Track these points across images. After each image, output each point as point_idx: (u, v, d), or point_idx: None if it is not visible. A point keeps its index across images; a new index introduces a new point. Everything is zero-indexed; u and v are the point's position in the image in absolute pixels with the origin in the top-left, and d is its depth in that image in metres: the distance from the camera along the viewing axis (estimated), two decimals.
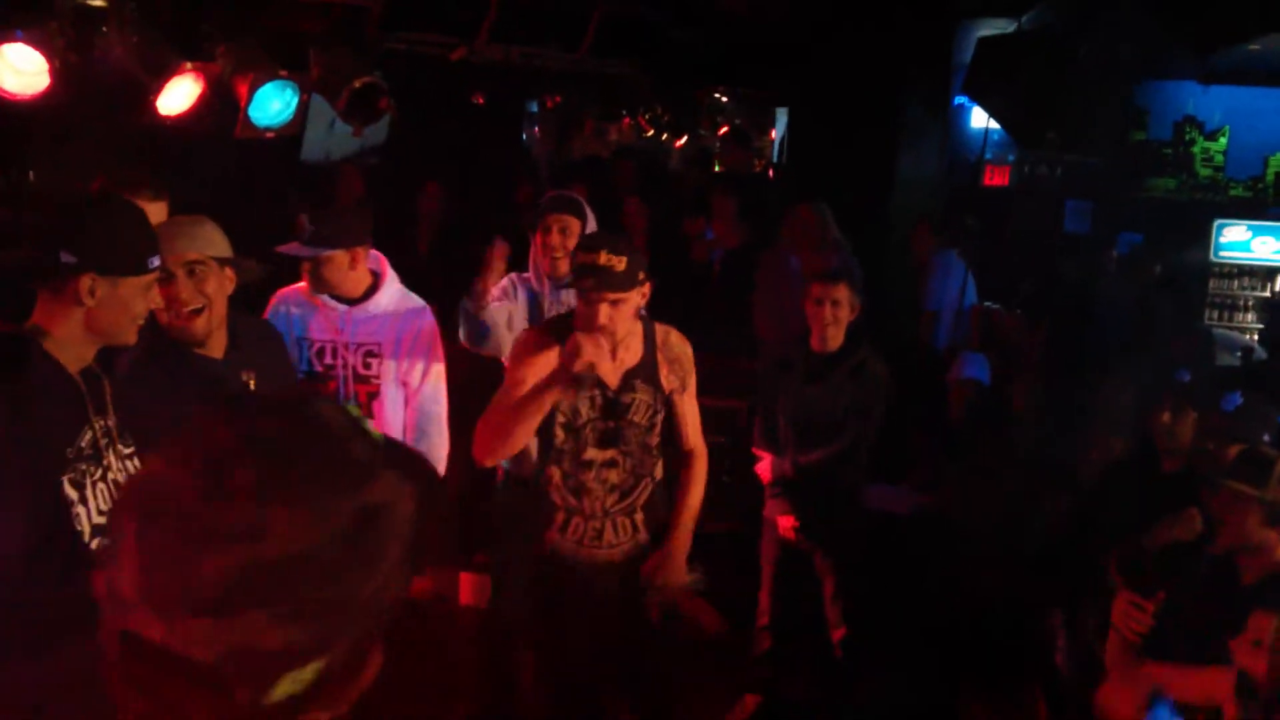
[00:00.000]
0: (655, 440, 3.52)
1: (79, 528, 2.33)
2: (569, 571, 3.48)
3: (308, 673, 0.95)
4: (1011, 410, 5.09)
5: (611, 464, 3.44)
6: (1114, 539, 3.61)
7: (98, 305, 2.35)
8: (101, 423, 2.43)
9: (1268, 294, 10.38)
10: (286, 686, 0.94)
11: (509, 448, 3.33)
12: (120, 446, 2.48)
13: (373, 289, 3.87)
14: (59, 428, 2.33)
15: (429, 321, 4.01)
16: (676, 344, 3.55)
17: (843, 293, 4.49)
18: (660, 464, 3.57)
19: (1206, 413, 3.76)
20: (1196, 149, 10.95)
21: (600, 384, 3.38)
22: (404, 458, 1.06)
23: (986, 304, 7.44)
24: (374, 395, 3.88)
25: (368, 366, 3.86)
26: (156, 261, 2.44)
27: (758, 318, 6.36)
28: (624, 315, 3.28)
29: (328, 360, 3.83)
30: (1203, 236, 10.47)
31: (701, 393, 3.66)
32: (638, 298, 3.32)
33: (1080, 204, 10.04)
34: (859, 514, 4.58)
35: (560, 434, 3.44)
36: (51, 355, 2.36)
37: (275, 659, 0.93)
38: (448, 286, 4.40)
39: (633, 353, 3.46)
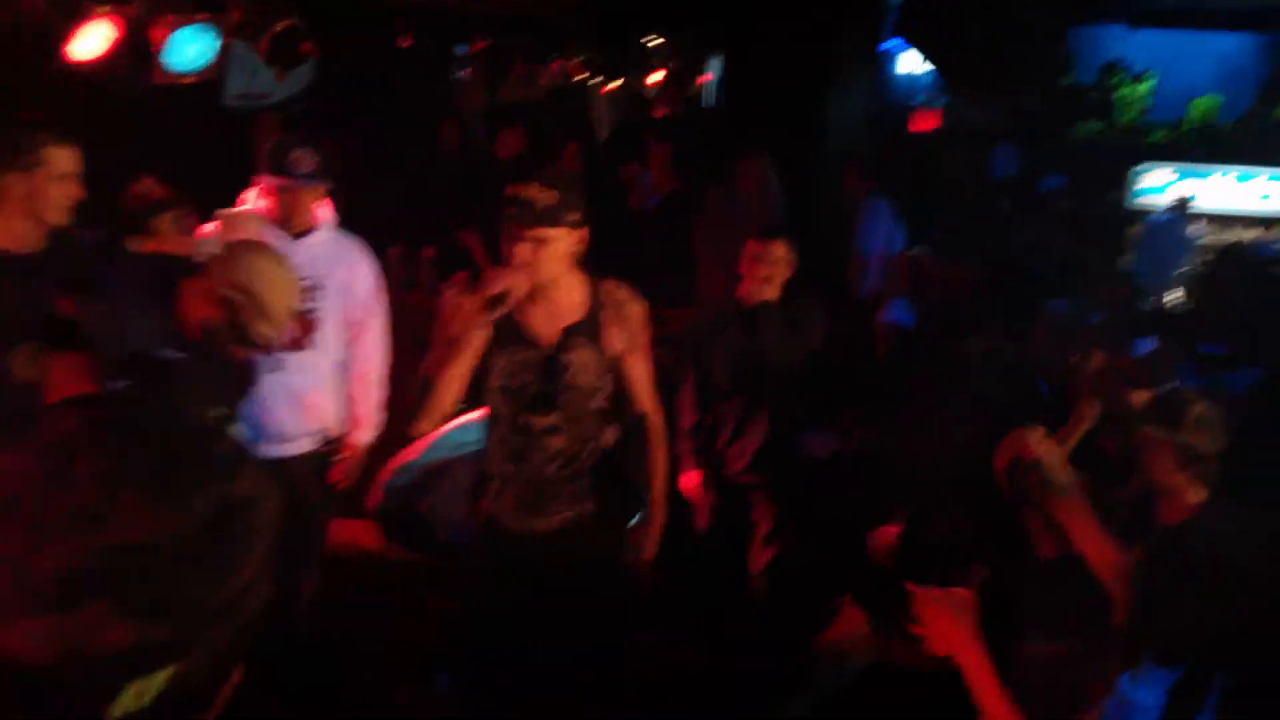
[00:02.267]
0: (603, 404, 3.25)
1: None
2: (507, 540, 3.25)
3: (157, 681, 0.88)
4: (944, 357, 5.17)
5: (553, 429, 3.15)
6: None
7: None
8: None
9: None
10: (132, 698, 0.87)
11: (433, 405, 3.05)
12: None
13: (314, 224, 3.92)
14: None
15: (370, 260, 4.05)
16: (625, 300, 3.24)
17: (780, 249, 4.48)
18: (610, 430, 3.31)
19: (1116, 356, 3.84)
20: (1120, 93, 11.10)
21: (533, 342, 3.12)
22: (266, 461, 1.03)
23: (915, 249, 7.52)
24: (310, 329, 3.85)
25: (307, 299, 3.79)
26: None
27: (701, 266, 6.39)
28: (551, 256, 2.99)
29: None
30: (1124, 180, 10.65)
31: None
32: (569, 240, 3.02)
33: (1007, 148, 10.16)
34: (792, 458, 4.60)
35: (496, 399, 3.18)
36: None
37: (120, 662, 0.86)
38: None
39: (573, 309, 3.16)
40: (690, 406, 4.60)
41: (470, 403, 3.29)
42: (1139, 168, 10.68)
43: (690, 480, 4.48)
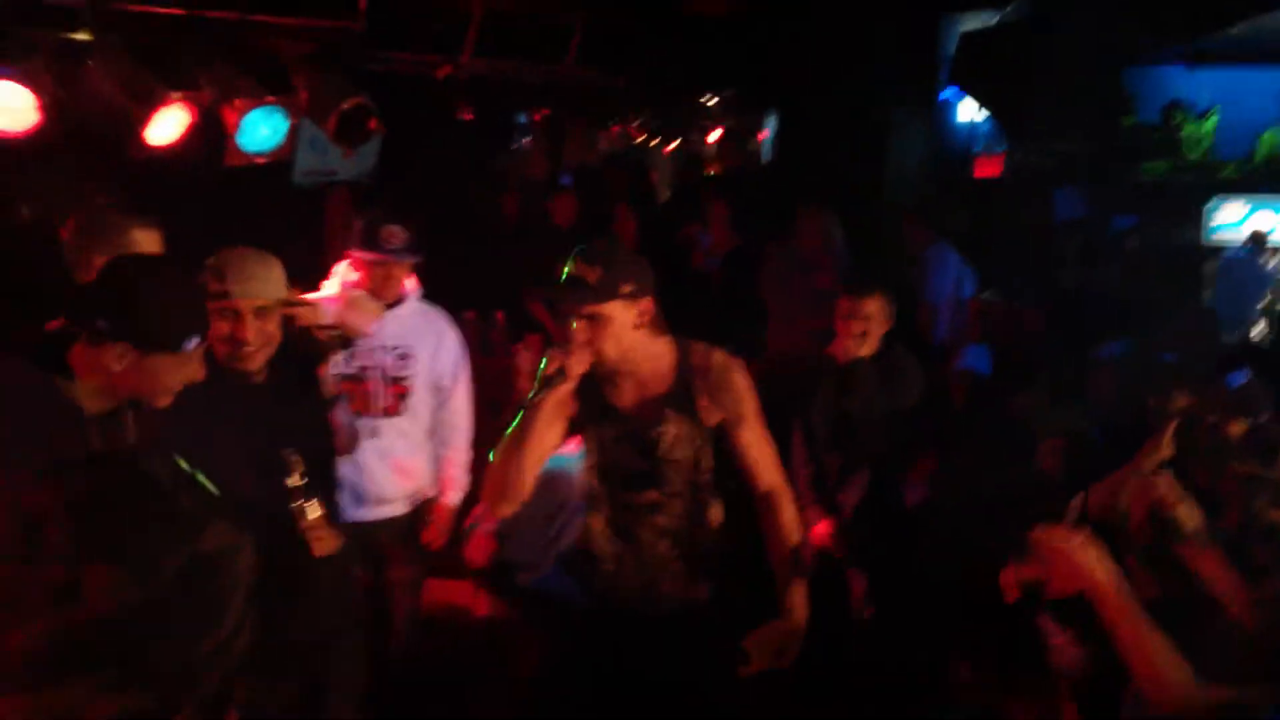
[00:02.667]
0: (705, 478, 3.06)
1: None
2: (618, 626, 3.07)
3: None
4: (1011, 404, 5.09)
5: (654, 508, 3.00)
6: None
7: (124, 371, 2.33)
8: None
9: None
10: None
11: (508, 487, 2.90)
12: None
13: (401, 296, 4.09)
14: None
15: (455, 328, 4.26)
16: (719, 367, 3.06)
17: (874, 305, 4.42)
18: (719, 505, 3.12)
19: (1205, 391, 3.74)
20: (1186, 131, 10.97)
21: (620, 416, 3.00)
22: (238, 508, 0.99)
23: (984, 295, 7.45)
24: (404, 396, 4.07)
25: (401, 367, 4.04)
26: (194, 342, 2.40)
27: (772, 319, 6.39)
28: (610, 334, 2.87)
29: (361, 362, 3.98)
30: (1194, 217, 10.48)
31: None
32: (625, 313, 2.89)
33: (1071, 191, 10.05)
34: (897, 516, 4.52)
35: (593, 476, 3.06)
36: (68, 398, 2.35)
37: None
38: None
39: (659, 379, 3.02)
40: (805, 459, 4.55)
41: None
42: (1211, 203, 10.52)
43: (823, 529, 4.40)
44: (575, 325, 2.88)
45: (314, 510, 2.83)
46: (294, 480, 2.88)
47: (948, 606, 4.43)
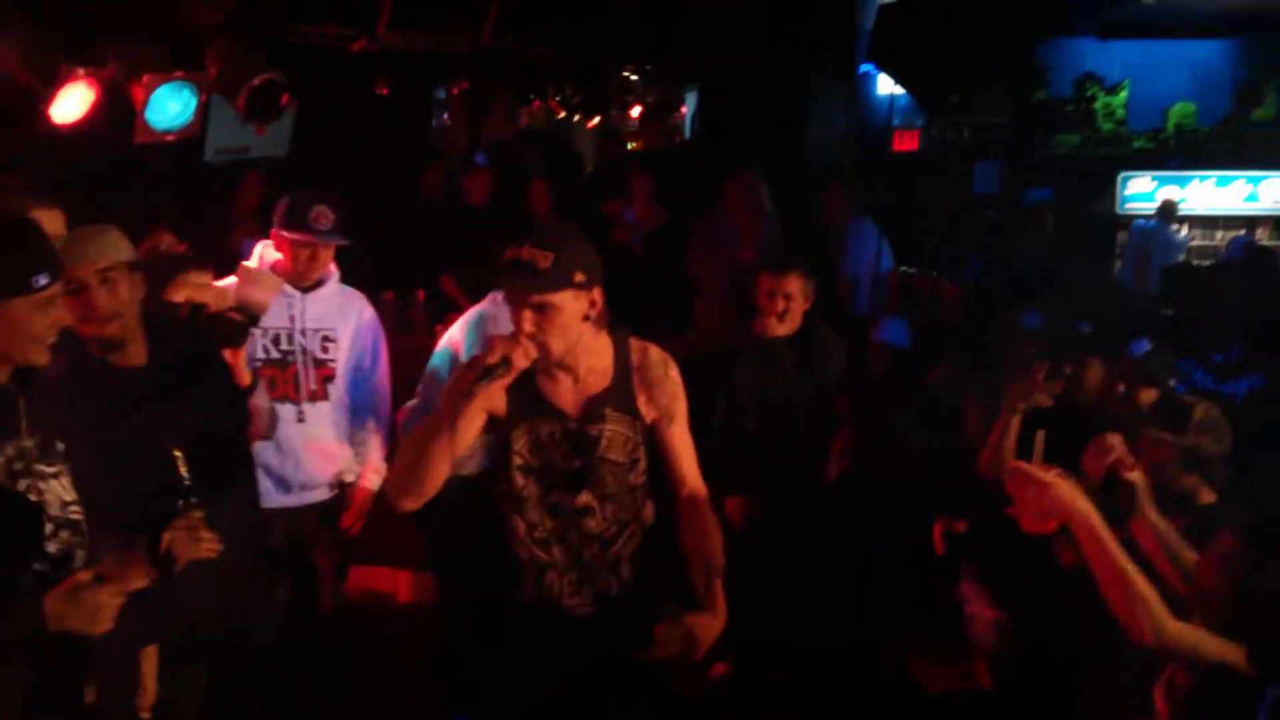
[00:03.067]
0: (640, 479, 2.94)
1: None
2: (544, 631, 2.92)
3: None
4: (927, 376, 5.17)
5: (586, 510, 2.85)
6: None
7: None
8: (14, 445, 2.37)
9: None
10: None
11: (419, 482, 2.73)
12: (41, 466, 2.42)
13: (323, 278, 4.04)
14: None
15: (371, 309, 4.21)
16: (657, 363, 2.95)
17: (795, 283, 4.44)
18: (650, 506, 2.99)
19: (1114, 359, 3.83)
20: (1098, 104, 11.18)
21: (558, 415, 2.84)
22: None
23: (903, 268, 7.53)
24: (329, 379, 4.02)
25: (325, 350, 4.01)
26: (44, 279, 2.34)
27: (703, 293, 6.40)
28: (558, 325, 2.68)
29: (284, 346, 3.93)
30: (1109, 190, 10.71)
31: None
32: (576, 303, 2.70)
33: (988, 164, 10.21)
34: (816, 490, 4.57)
35: (518, 478, 2.85)
36: None
37: None
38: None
39: (599, 375, 2.87)
40: (721, 432, 4.58)
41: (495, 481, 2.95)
42: (1122, 176, 10.76)
43: (733, 504, 4.42)
44: (522, 314, 2.67)
45: (195, 510, 2.70)
46: (176, 476, 2.79)
47: (866, 578, 4.50)
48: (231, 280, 3.61)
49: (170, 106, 4.91)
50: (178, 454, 2.75)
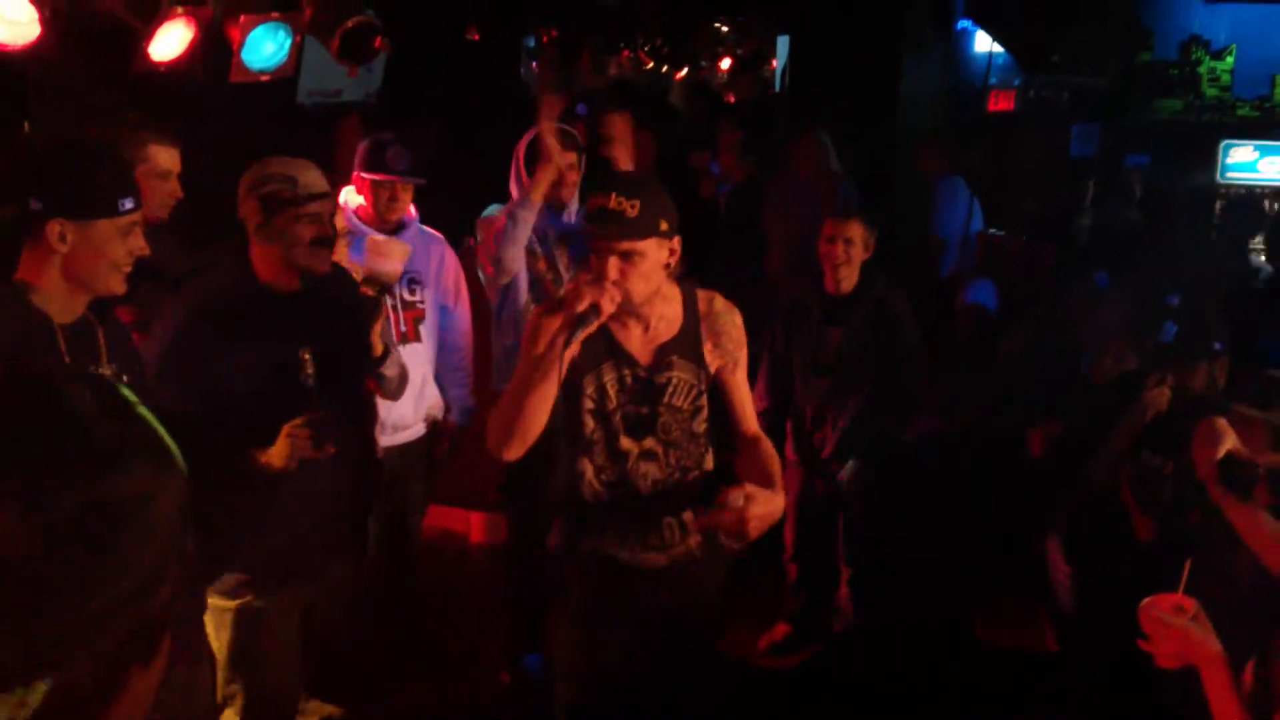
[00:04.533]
0: (702, 427, 2.99)
1: None
2: (609, 577, 2.98)
3: (34, 695, 0.82)
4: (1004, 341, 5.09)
5: (650, 455, 2.91)
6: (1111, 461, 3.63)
7: (70, 251, 2.32)
8: (95, 372, 2.43)
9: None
10: (8, 711, 0.81)
11: (523, 430, 2.76)
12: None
13: (404, 220, 4.13)
14: None
15: (451, 251, 4.31)
16: (723, 313, 3.00)
17: (856, 230, 4.42)
18: (710, 453, 3.04)
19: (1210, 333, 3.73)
20: (1203, 69, 10.82)
21: (629, 360, 2.89)
22: (167, 444, 0.91)
23: (992, 230, 7.40)
24: (420, 320, 4.11)
25: (413, 292, 4.09)
26: (129, 204, 2.38)
27: (771, 251, 6.33)
28: (641, 272, 2.74)
29: None
30: (1210, 157, 10.36)
31: None
32: (659, 251, 2.77)
33: (1086, 127, 9.93)
34: (890, 458, 4.52)
35: (589, 421, 2.92)
36: (37, 307, 2.35)
37: None
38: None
39: (668, 323, 2.93)
40: (763, 391, 4.58)
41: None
42: (1224, 144, 10.40)
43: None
44: (608, 261, 2.72)
45: (318, 410, 2.82)
46: (304, 378, 2.89)
47: (938, 538, 4.48)
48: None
49: (266, 47, 4.96)
50: (306, 356, 2.86)
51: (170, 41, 4.67)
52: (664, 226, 2.76)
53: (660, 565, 2.97)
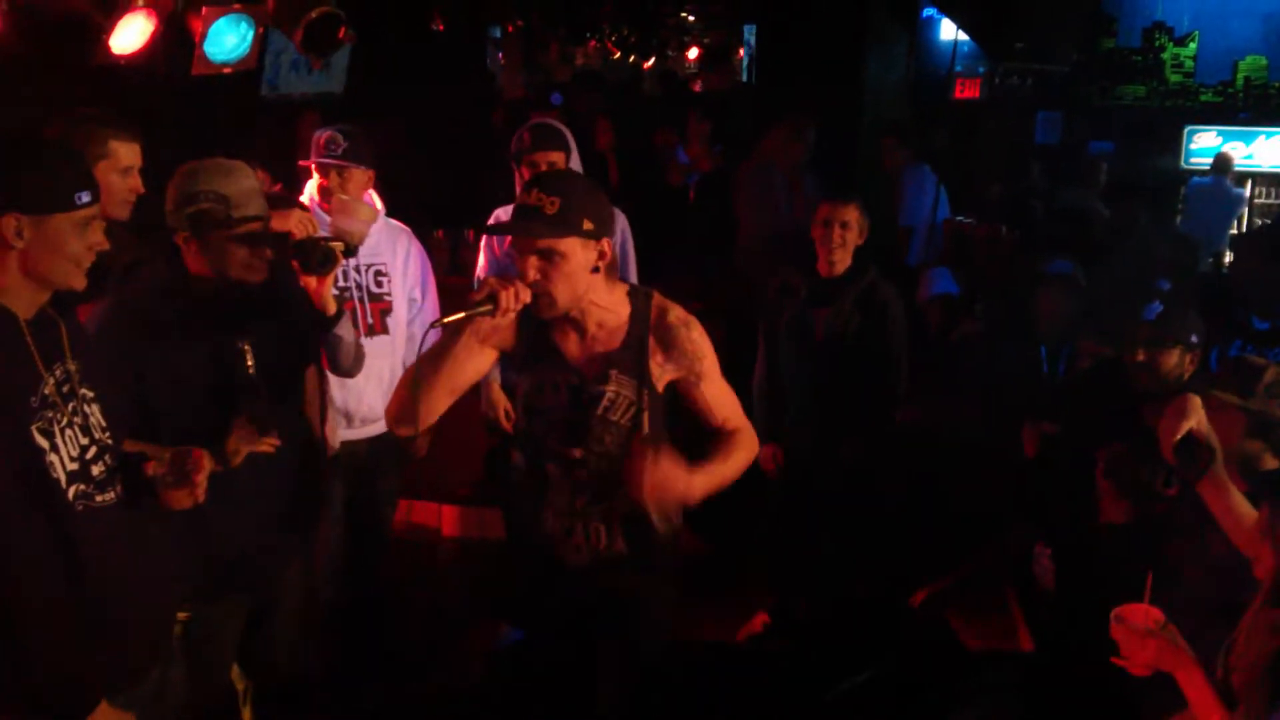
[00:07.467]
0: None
1: (54, 475, 2.31)
2: (536, 566, 2.96)
3: None
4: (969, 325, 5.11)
5: (579, 463, 2.81)
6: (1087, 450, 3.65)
7: (27, 246, 2.30)
8: (60, 368, 2.40)
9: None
10: None
11: (417, 410, 2.68)
12: (85, 390, 2.45)
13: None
14: (16, 376, 2.30)
15: (417, 242, 4.22)
16: (676, 325, 2.82)
17: (853, 214, 4.41)
18: None
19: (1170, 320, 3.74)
20: (1166, 55, 10.91)
21: (565, 365, 2.78)
22: None
23: (959, 218, 7.43)
24: (387, 312, 4.07)
25: (379, 284, 4.04)
26: (86, 197, 2.36)
27: (740, 240, 6.33)
28: (564, 273, 2.61)
29: (340, 283, 3.92)
30: (1174, 143, 10.46)
31: None
32: (584, 252, 2.64)
33: (1051, 114, 10.00)
34: (873, 446, 4.53)
35: (523, 418, 2.89)
36: (0, 303, 2.33)
37: None
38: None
39: (610, 333, 2.79)
40: (762, 378, 4.58)
41: None
42: (1188, 130, 10.50)
43: (765, 452, 4.39)
44: (527, 260, 2.60)
45: (258, 404, 2.79)
46: (244, 370, 2.86)
47: (919, 525, 4.50)
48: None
49: (228, 39, 4.91)
50: (246, 348, 2.85)
51: (131, 34, 4.61)
52: (588, 226, 2.62)
53: (581, 564, 2.89)
